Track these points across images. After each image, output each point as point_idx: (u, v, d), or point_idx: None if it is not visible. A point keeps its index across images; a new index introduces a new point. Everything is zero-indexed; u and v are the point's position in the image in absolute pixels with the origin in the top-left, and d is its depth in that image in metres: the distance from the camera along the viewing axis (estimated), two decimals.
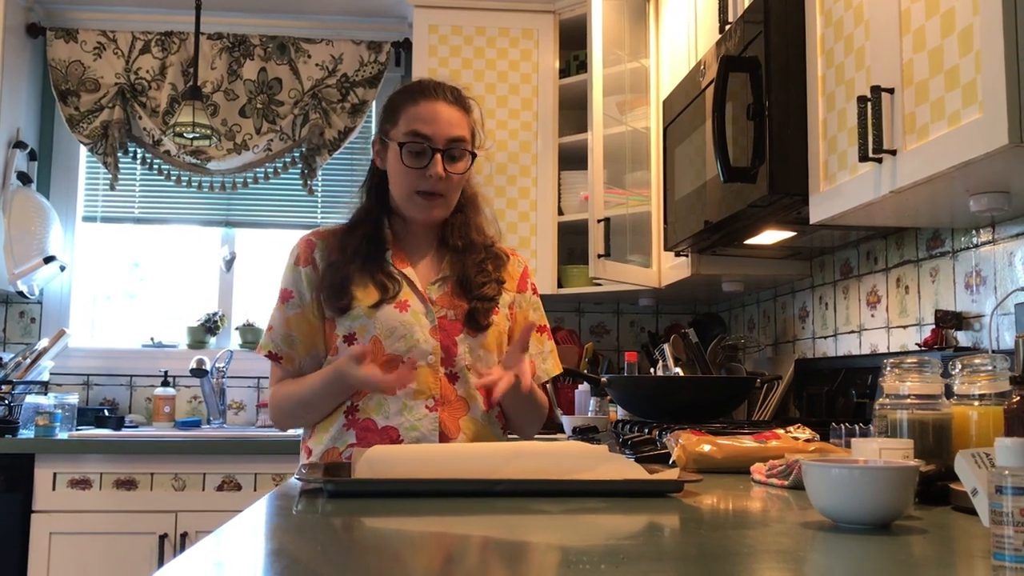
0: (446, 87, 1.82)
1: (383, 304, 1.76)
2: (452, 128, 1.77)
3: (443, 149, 1.76)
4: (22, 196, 3.58)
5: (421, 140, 1.75)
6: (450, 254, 1.85)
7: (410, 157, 1.76)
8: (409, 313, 1.77)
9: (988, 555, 0.85)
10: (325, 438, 1.78)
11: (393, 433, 1.73)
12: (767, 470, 1.52)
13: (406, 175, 1.77)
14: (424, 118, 1.76)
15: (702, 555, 0.96)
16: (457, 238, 1.85)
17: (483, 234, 1.89)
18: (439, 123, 1.75)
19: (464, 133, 1.79)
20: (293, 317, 1.81)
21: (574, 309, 3.96)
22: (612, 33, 3.17)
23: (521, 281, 1.94)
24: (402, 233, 1.87)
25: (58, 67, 3.78)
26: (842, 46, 1.90)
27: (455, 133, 1.77)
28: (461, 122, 1.79)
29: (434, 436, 1.73)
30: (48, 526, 3.04)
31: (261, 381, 3.83)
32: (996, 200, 1.68)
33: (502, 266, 1.89)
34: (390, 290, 1.77)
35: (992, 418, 1.35)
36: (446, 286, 1.82)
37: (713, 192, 2.39)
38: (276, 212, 4.01)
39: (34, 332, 3.78)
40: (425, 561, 0.96)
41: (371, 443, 1.66)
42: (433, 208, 1.79)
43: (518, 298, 1.91)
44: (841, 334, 2.71)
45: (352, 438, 1.75)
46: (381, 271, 1.79)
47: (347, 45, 3.90)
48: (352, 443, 1.73)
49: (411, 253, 1.85)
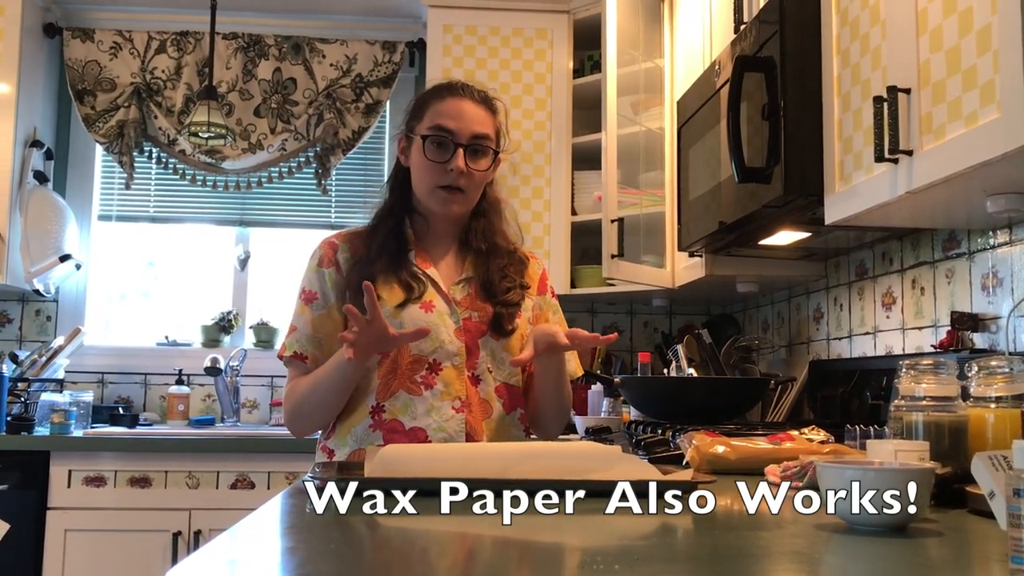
0: (474, 88, 1.83)
1: (408, 304, 1.75)
2: (476, 125, 1.78)
3: (466, 144, 1.76)
4: (39, 195, 3.60)
5: (445, 134, 1.76)
6: (472, 256, 1.85)
7: (433, 150, 1.76)
8: (435, 314, 1.76)
9: (1005, 558, 0.85)
10: (349, 439, 1.77)
11: (421, 434, 1.72)
12: (781, 471, 1.51)
13: (428, 169, 1.77)
14: (449, 113, 1.77)
15: (715, 556, 0.96)
16: (480, 241, 1.85)
17: (506, 239, 1.90)
18: (463, 119, 1.77)
19: (488, 131, 1.80)
20: (318, 318, 1.81)
21: (587, 309, 3.96)
22: (626, 33, 3.16)
23: (541, 284, 1.95)
24: (423, 233, 1.86)
25: (75, 67, 3.80)
26: (858, 46, 1.89)
27: (479, 130, 1.78)
28: (486, 120, 1.80)
29: (461, 437, 1.73)
30: (63, 523, 3.06)
31: (275, 380, 3.84)
32: (1013, 201, 1.67)
33: (524, 270, 1.89)
34: (415, 290, 1.77)
35: (1009, 421, 1.34)
36: (469, 287, 1.83)
37: (728, 192, 2.38)
38: (290, 211, 4.02)
39: (50, 330, 3.81)
40: (439, 560, 0.96)
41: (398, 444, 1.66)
42: (453, 202, 1.79)
43: (538, 300, 1.93)
44: (856, 335, 2.70)
45: (379, 439, 1.73)
46: (406, 271, 1.79)
47: (361, 45, 3.91)
48: (379, 444, 1.69)
49: (432, 253, 1.85)
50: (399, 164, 1.88)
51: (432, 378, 1.74)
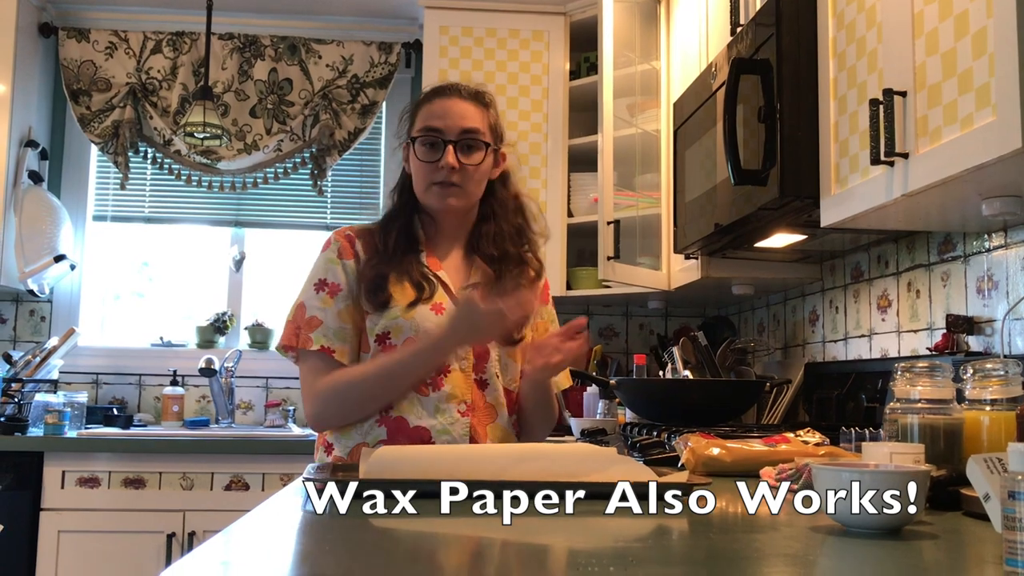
0: (462, 85, 1.85)
1: (418, 304, 1.76)
2: (464, 120, 1.79)
3: (455, 140, 1.78)
4: (33, 195, 3.59)
5: (435, 134, 1.78)
6: (479, 260, 1.86)
7: (424, 151, 1.79)
8: (444, 316, 1.76)
9: (1000, 561, 0.85)
10: (354, 433, 1.76)
11: (424, 434, 1.73)
12: (777, 474, 1.51)
13: (422, 169, 1.80)
14: (436, 113, 1.80)
15: (711, 558, 0.96)
16: (491, 248, 1.85)
17: (518, 243, 1.89)
18: (451, 116, 1.79)
19: (477, 125, 1.80)
20: (345, 310, 1.78)
21: (583, 311, 3.95)
22: (623, 35, 3.17)
23: (544, 293, 1.97)
24: (431, 234, 1.87)
25: (70, 67, 3.80)
26: (854, 49, 1.89)
27: (467, 124, 1.79)
28: (475, 115, 1.81)
29: (465, 440, 1.74)
30: (57, 524, 3.05)
31: (270, 381, 3.84)
32: (1009, 204, 1.68)
33: (534, 280, 1.89)
34: (426, 291, 1.78)
35: (1004, 423, 1.34)
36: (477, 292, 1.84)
37: (723, 195, 2.38)
38: (286, 212, 4.02)
39: (44, 330, 3.80)
40: (434, 562, 0.96)
41: (399, 443, 1.69)
42: (448, 196, 1.79)
43: (540, 309, 1.94)
44: (851, 338, 2.70)
45: (383, 435, 1.74)
46: (417, 271, 1.79)
47: (357, 46, 3.90)
48: (382, 440, 1.72)
49: (440, 255, 1.86)
50: (404, 173, 1.89)
51: (440, 380, 1.76)
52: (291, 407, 3.75)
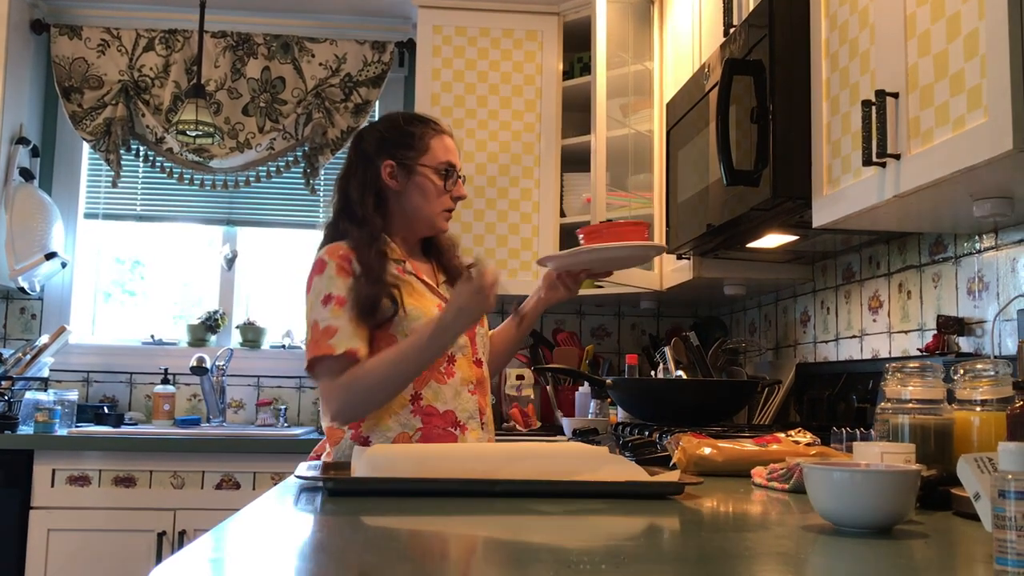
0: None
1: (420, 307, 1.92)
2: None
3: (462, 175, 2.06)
4: (24, 192, 3.58)
5: (453, 168, 2.03)
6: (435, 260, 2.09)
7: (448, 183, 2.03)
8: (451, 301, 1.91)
9: (990, 560, 0.85)
10: (393, 424, 1.87)
11: (452, 416, 1.92)
12: (768, 473, 1.52)
13: (441, 197, 2.02)
14: (451, 149, 2.05)
15: (702, 557, 0.96)
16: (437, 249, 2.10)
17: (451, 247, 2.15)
18: (454, 152, 2.06)
19: None
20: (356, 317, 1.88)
21: (575, 311, 3.96)
22: (616, 35, 3.17)
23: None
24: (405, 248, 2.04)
25: (62, 64, 3.78)
26: (847, 50, 1.90)
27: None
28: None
29: (477, 415, 1.96)
30: (46, 523, 3.04)
31: (261, 380, 3.83)
32: (1000, 206, 1.68)
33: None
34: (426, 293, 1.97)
35: (994, 424, 1.35)
36: (448, 288, 2.03)
37: (716, 195, 2.39)
38: (278, 211, 4.01)
39: (34, 328, 3.78)
40: (425, 561, 0.96)
41: (435, 426, 1.87)
42: (449, 220, 2.07)
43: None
44: (843, 339, 2.71)
45: (419, 423, 1.89)
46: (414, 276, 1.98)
47: (351, 45, 3.90)
48: (419, 428, 1.87)
49: (418, 263, 2.05)
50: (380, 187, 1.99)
51: (452, 368, 1.94)
52: (282, 406, 3.74)
